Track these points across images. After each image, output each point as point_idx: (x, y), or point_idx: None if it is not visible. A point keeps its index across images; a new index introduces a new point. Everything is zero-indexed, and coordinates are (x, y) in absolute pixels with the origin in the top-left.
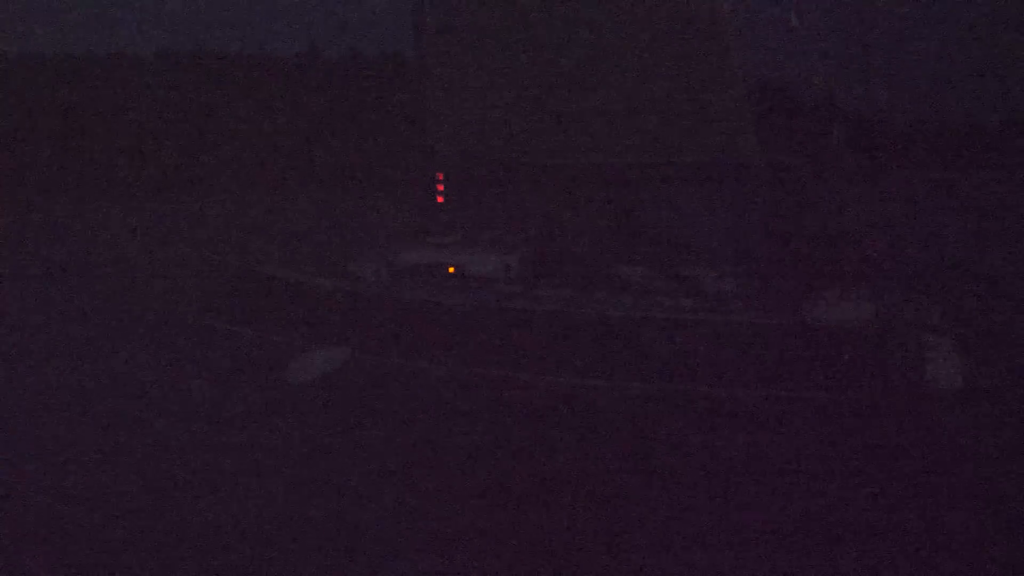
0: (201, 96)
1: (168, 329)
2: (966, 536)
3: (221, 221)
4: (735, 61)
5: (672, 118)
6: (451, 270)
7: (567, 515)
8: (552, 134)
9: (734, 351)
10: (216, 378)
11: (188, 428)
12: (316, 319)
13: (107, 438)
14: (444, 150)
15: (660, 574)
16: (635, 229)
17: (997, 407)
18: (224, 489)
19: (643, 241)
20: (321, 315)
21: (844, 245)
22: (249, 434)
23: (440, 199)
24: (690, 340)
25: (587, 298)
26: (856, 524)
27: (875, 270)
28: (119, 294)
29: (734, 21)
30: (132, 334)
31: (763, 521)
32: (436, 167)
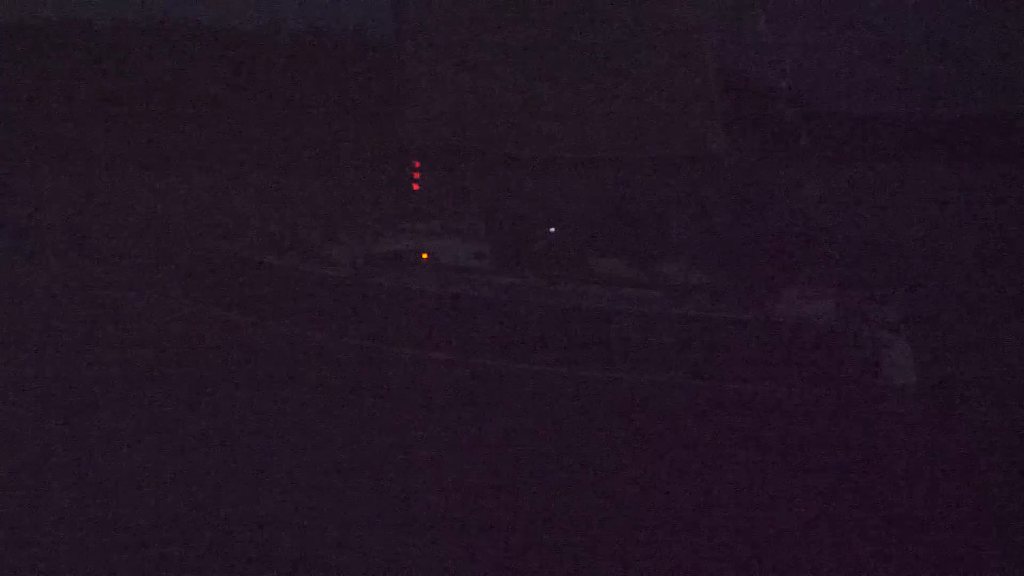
0: (162, 70)
1: (149, 312)
2: (915, 525)
3: (190, 201)
4: (707, 58)
5: (644, 112)
6: (424, 256)
7: (538, 499)
8: (527, 126)
9: (698, 344)
10: (202, 362)
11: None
12: (292, 303)
13: (95, 423)
14: (420, 138)
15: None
16: (607, 221)
17: (949, 402)
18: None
19: (614, 233)
20: (297, 299)
21: (807, 242)
22: (222, 420)
23: (416, 187)
24: (656, 332)
25: (557, 288)
26: (810, 514)
27: (836, 267)
28: (96, 277)
29: (707, 20)
30: (116, 316)
31: (722, 511)
32: (413, 155)
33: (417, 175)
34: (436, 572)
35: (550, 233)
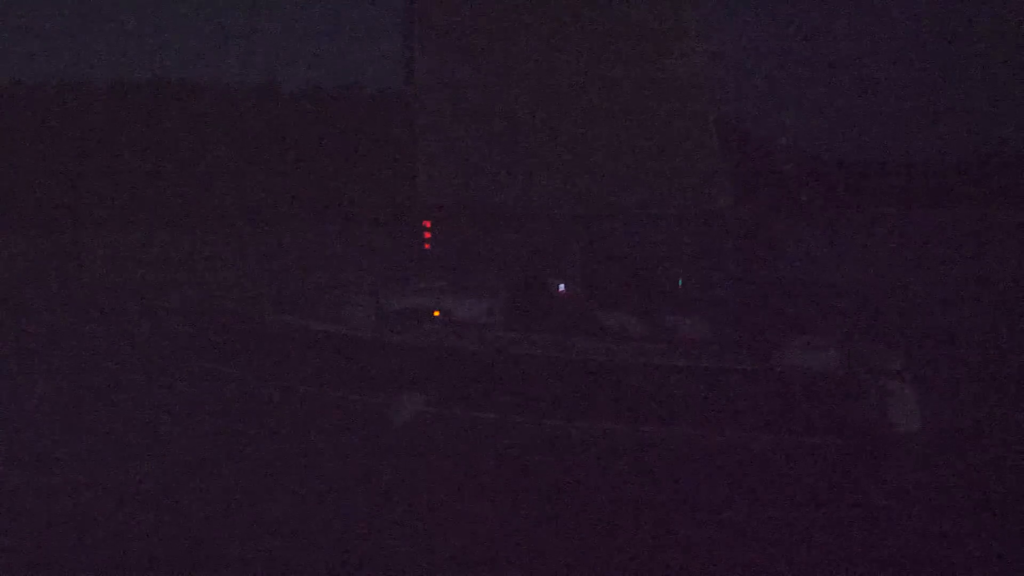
0: (175, 130)
1: (163, 372)
2: (922, 570)
3: (201, 259)
4: (710, 115)
5: (650, 169)
6: (436, 314)
7: (547, 551)
8: (535, 183)
9: (707, 395)
10: (211, 421)
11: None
12: (305, 362)
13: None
14: (432, 196)
15: None
16: (614, 276)
17: (953, 448)
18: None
19: (621, 287)
20: (310, 358)
21: (810, 292)
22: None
23: (427, 246)
24: (665, 384)
25: (568, 342)
26: (823, 557)
27: (840, 318)
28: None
29: (709, 76)
30: (130, 379)
31: (730, 560)
32: (423, 214)
33: (428, 234)
34: None
35: (559, 288)
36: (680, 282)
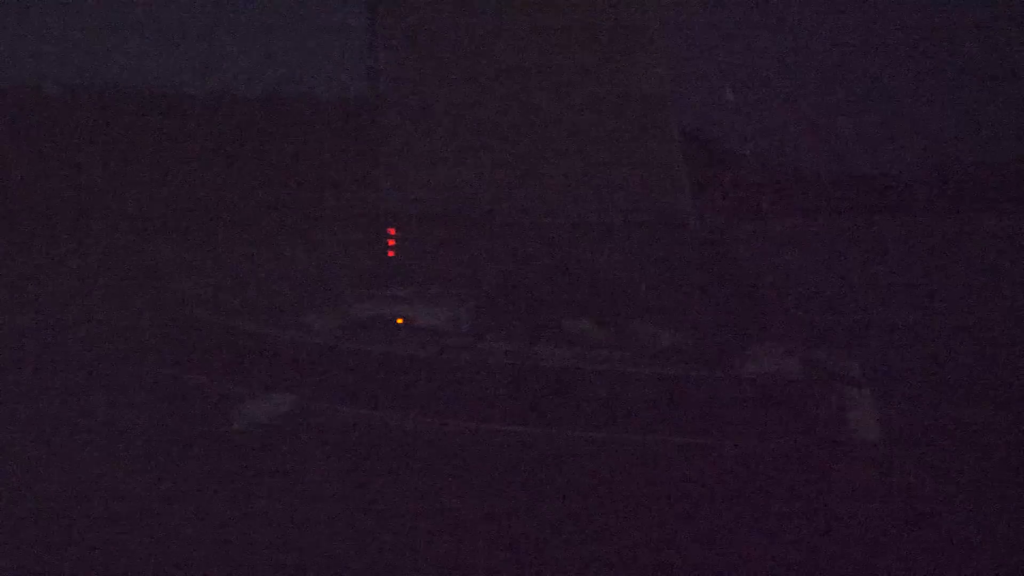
0: (131, 135)
1: (119, 378)
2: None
3: (164, 267)
4: (673, 126)
5: (614, 179)
6: (400, 321)
7: (513, 556)
8: (500, 192)
9: (670, 402)
10: (166, 425)
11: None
12: (270, 369)
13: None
14: (396, 204)
15: None
16: (579, 284)
17: (911, 455)
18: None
19: (586, 296)
20: (273, 365)
21: (772, 301)
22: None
23: (391, 253)
24: (628, 391)
25: (531, 350)
26: (784, 558)
27: (801, 325)
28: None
29: (672, 86)
30: (83, 382)
31: (693, 563)
32: (387, 221)
33: (392, 242)
34: None
35: (525, 296)
36: (643, 288)
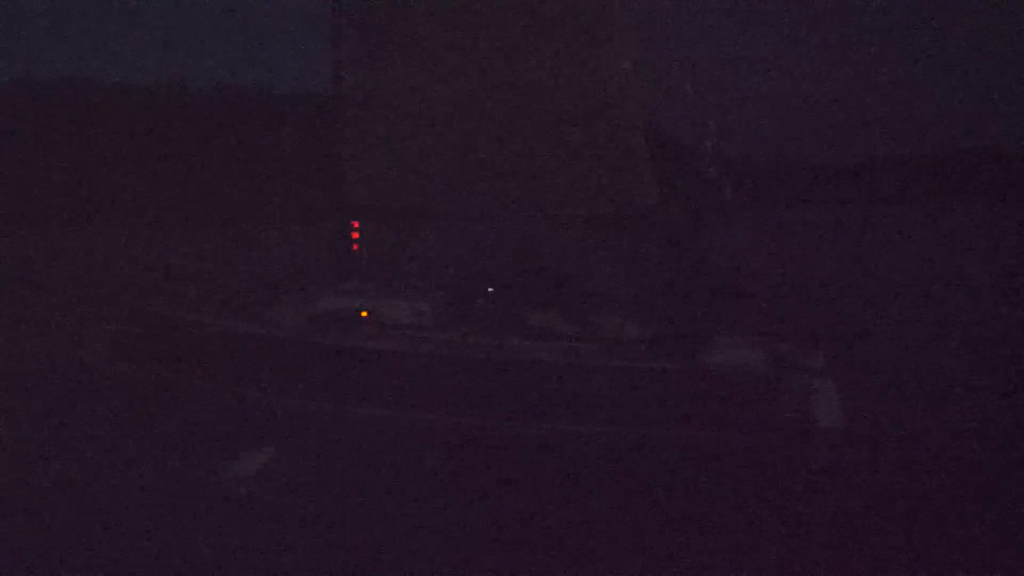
0: (97, 127)
1: (78, 373)
2: (841, 561)
3: (126, 259)
4: (637, 120)
5: (578, 172)
6: (364, 315)
7: (477, 550)
8: (465, 185)
9: (634, 394)
10: (127, 421)
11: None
12: (232, 363)
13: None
14: (360, 198)
15: None
16: (544, 277)
17: (874, 443)
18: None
19: (550, 288)
20: (237, 359)
21: (735, 295)
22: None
23: (355, 247)
24: (592, 384)
25: (496, 343)
26: (749, 547)
27: (765, 316)
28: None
29: (637, 80)
30: (37, 377)
31: (665, 551)
32: (351, 215)
33: (356, 235)
34: None
35: (489, 292)
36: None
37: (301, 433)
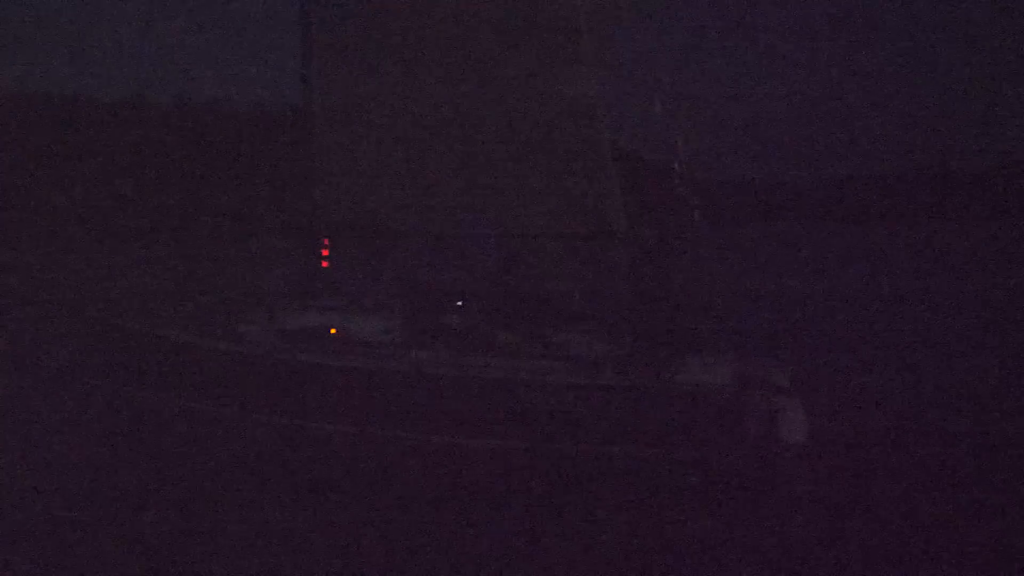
0: (63, 142)
1: (49, 388)
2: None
3: (95, 276)
4: (604, 139)
5: (546, 191)
6: (333, 332)
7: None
8: (434, 203)
9: (603, 412)
10: (97, 438)
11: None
12: (202, 380)
13: None
14: (329, 214)
15: None
16: (513, 295)
17: (836, 459)
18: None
19: (518, 307)
20: (207, 376)
21: (702, 313)
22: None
23: (325, 264)
24: (560, 401)
25: (465, 361)
26: (716, 559)
27: (731, 336)
28: None
29: (604, 101)
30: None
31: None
32: (321, 232)
33: (326, 252)
34: None
35: (457, 307)
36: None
37: (268, 448)
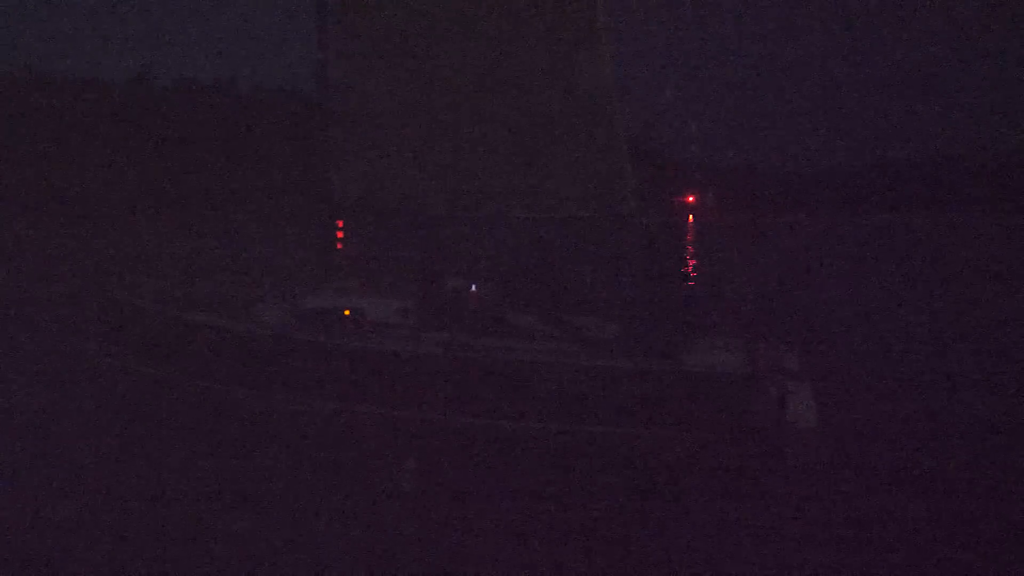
0: (90, 122)
1: (67, 370)
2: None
3: (114, 254)
4: (618, 125)
5: (560, 176)
6: (347, 313)
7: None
8: (449, 187)
9: (617, 393)
10: (114, 417)
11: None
12: (218, 360)
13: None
14: (345, 197)
15: None
16: (527, 277)
17: (846, 441)
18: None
19: (531, 290)
20: (223, 356)
21: (716, 297)
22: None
23: (340, 246)
24: (576, 383)
25: (479, 342)
26: (728, 539)
27: (743, 320)
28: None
29: (618, 86)
30: (28, 371)
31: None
32: (336, 214)
33: (340, 234)
34: None
35: (471, 290)
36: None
37: (289, 430)
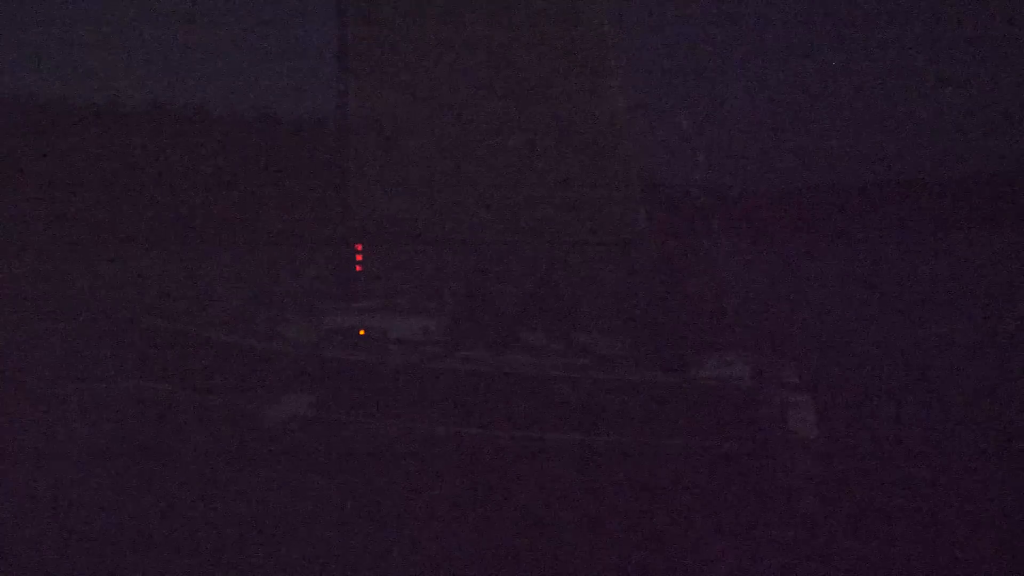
0: (109, 147)
1: (90, 391)
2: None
3: (140, 279)
4: (630, 150)
5: (572, 199)
6: (361, 333)
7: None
8: (465, 210)
9: (630, 404)
10: (141, 438)
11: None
12: (242, 379)
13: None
14: (364, 221)
15: None
16: (542, 298)
17: (846, 452)
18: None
19: (544, 308)
20: (247, 375)
21: (722, 313)
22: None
23: (359, 268)
24: (591, 395)
25: (498, 359)
26: (731, 547)
27: (748, 336)
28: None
29: (630, 114)
30: (47, 394)
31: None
32: (355, 237)
33: (360, 257)
34: None
35: (486, 309)
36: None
37: (315, 446)
